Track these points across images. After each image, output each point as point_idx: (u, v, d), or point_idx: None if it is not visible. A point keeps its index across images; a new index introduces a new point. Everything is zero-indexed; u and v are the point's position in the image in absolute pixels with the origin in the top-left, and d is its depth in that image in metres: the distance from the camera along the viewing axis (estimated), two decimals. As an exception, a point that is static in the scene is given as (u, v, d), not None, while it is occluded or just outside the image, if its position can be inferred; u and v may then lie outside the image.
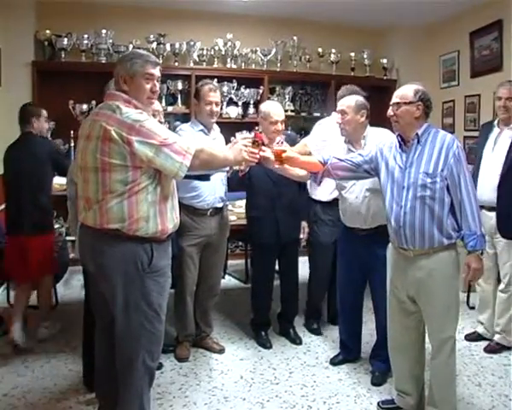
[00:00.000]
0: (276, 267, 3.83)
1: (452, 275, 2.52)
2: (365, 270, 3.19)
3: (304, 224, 3.78)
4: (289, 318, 3.88)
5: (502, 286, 3.58)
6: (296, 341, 3.77)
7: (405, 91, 2.57)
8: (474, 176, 3.59)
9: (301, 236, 3.78)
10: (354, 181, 3.05)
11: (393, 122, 2.61)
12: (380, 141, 2.81)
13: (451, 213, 2.49)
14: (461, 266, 2.57)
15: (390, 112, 2.60)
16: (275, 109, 3.51)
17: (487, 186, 3.45)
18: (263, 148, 2.77)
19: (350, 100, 3.08)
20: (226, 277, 5.33)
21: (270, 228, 3.53)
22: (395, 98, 2.59)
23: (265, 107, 3.59)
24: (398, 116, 2.56)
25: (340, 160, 2.82)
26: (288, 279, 3.79)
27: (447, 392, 2.58)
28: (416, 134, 2.53)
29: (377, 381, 3.16)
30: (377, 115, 3.35)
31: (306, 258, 4.07)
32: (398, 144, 2.62)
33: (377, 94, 5.84)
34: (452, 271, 2.53)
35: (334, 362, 3.45)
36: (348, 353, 3.45)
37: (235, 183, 3.50)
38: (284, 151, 2.78)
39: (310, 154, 3.35)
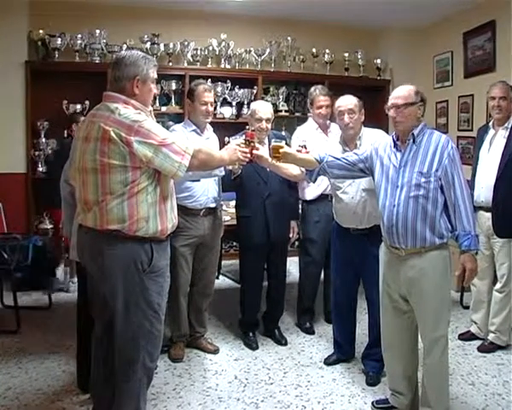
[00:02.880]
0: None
1: (443, 274, 2.53)
2: (359, 269, 3.19)
3: (293, 223, 3.78)
4: (275, 318, 3.87)
5: (498, 286, 3.59)
6: (281, 341, 3.76)
7: (407, 92, 2.55)
8: (472, 178, 3.62)
9: (290, 235, 3.79)
10: (350, 182, 3.05)
11: (396, 123, 2.56)
12: (375, 140, 2.81)
13: (444, 213, 2.50)
14: (453, 265, 2.58)
15: (393, 114, 2.55)
16: (261, 107, 3.52)
17: (484, 187, 3.46)
18: (257, 145, 2.78)
19: (353, 99, 3.06)
20: (220, 277, 5.33)
21: (261, 228, 3.53)
22: (398, 100, 2.54)
23: (253, 104, 3.65)
24: (404, 117, 2.53)
25: (336, 158, 2.81)
26: (276, 279, 3.79)
27: (440, 392, 2.58)
28: (412, 134, 2.53)
29: (372, 381, 3.16)
30: (371, 115, 3.36)
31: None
32: (392, 144, 2.63)
33: (371, 94, 5.89)
34: (443, 270, 2.53)
35: (328, 362, 3.44)
36: (342, 353, 3.44)
37: (228, 184, 3.49)
38: (282, 147, 2.78)
39: None
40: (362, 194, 3.05)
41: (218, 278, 5.16)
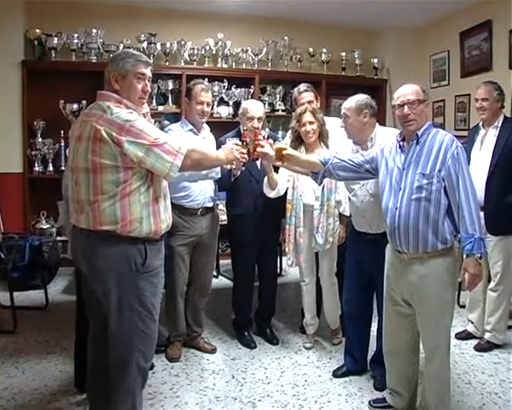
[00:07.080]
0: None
1: (446, 282, 2.45)
2: (372, 276, 3.05)
3: (284, 223, 3.73)
4: (266, 317, 3.87)
5: (492, 285, 3.59)
6: (273, 341, 3.75)
7: (416, 89, 2.49)
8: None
9: (281, 235, 3.82)
10: (359, 185, 2.99)
11: (409, 121, 2.48)
12: (382, 141, 2.74)
13: (448, 217, 2.42)
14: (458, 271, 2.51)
15: (407, 111, 2.47)
16: (252, 106, 3.52)
17: (476, 186, 3.44)
18: (261, 143, 2.78)
19: (350, 102, 2.97)
20: (218, 276, 5.33)
21: (251, 226, 3.54)
22: (411, 96, 2.47)
23: (245, 103, 3.65)
24: (416, 115, 2.46)
25: (342, 160, 2.76)
26: (267, 278, 3.80)
27: (440, 398, 2.53)
28: (416, 134, 2.47)
29: (380, 386, 3.06)
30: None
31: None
32: (397, 145, 2.56)
33: (368, 93, 5.86)
34: (446, 278, 2.45)
35: (337, 375, 3.28)
36: (354, 365, 3.27)
37: (225, 184, 3.48)
38: (285, 149, 2.78)
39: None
40: (370, 198, 2.96)
41: (217, 277, 5.18)
